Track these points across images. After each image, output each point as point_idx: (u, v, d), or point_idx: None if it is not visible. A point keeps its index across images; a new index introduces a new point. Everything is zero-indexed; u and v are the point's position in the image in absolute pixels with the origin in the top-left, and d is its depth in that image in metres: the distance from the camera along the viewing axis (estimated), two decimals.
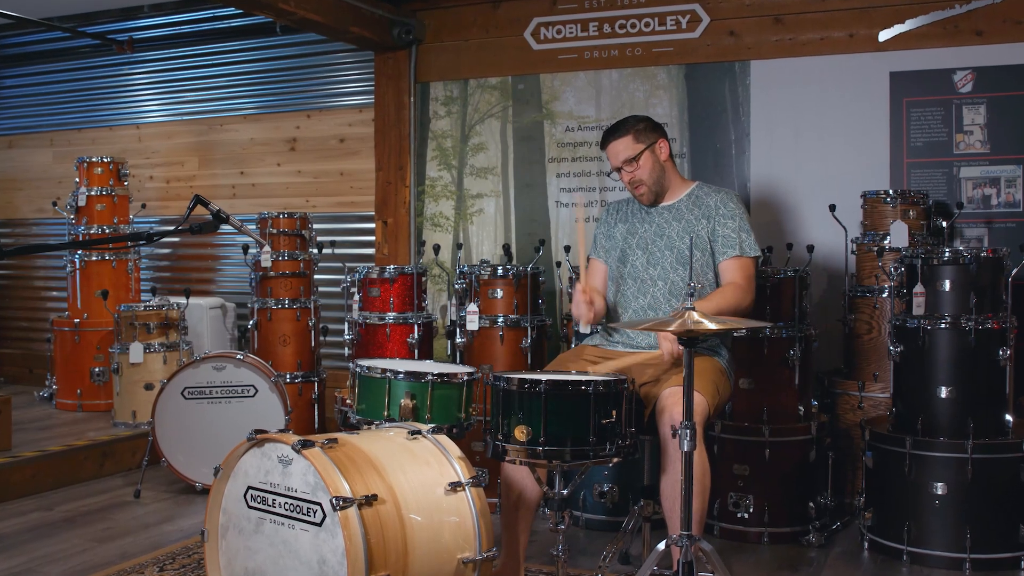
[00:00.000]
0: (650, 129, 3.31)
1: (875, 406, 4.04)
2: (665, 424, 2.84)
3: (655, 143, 3.29)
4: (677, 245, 3.25)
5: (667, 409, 2.86)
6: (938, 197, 4.43)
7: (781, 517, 3.79)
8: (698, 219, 3.28)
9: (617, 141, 3.30)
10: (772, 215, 4.74)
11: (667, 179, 3.34)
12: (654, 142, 3.29)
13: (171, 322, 5.27)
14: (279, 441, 2.40)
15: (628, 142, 3.27)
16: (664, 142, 3.32)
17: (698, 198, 3.33)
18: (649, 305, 3.27)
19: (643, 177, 3.28)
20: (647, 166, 3.28)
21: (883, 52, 4.54)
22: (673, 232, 3.29)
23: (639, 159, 3.26)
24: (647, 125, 3.32)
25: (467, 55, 5.43)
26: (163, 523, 4.02)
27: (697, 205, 3.31)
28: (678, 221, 3.30)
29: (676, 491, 2.81)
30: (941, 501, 3.43)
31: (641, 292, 3.30)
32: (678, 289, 3.24)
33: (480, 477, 2.51)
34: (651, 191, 3.31)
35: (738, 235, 3.24)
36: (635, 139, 3.27)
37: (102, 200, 5.83)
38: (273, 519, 2.40)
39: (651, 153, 3.28)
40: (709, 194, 3.33)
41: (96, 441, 4.86)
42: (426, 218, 5.53)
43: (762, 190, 4.77)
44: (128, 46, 6.28)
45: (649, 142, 3.28)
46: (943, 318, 3.50)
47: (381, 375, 2.89)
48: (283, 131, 6.09)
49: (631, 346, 3.27)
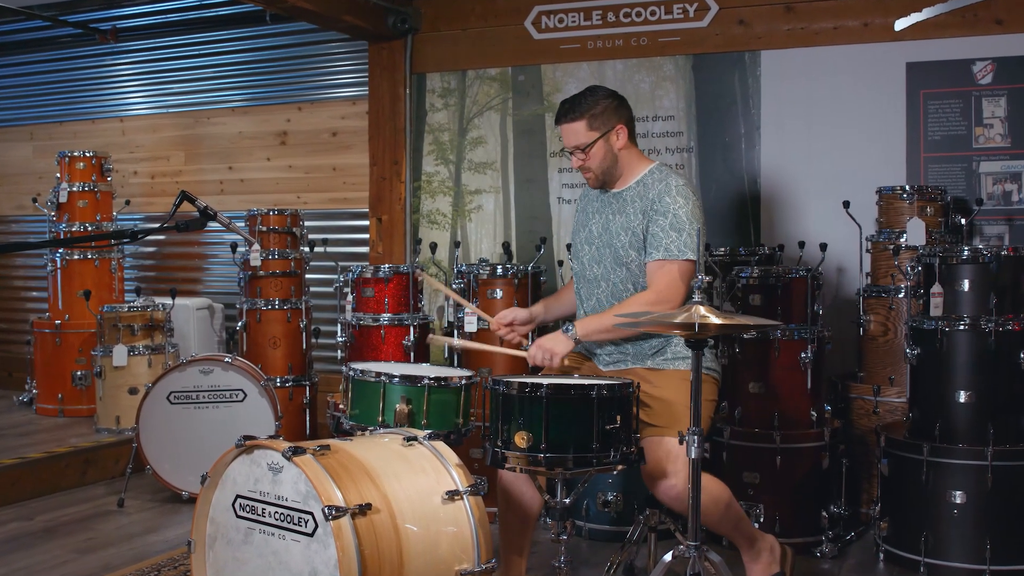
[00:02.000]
0: (610, 112, 3.09)
1: (891, 411, 4.04)
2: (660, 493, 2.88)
3: (611, 130, 3.09)
4: (614, 242, 3.10)
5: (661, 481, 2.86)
6: (956, 193, 4.43)
7: (793, 527, 3.79)
8: (636, 213, 3.07)
9: (570, 124, 3.11)
10: (783, 212, 4.74)
11: (620, 166, 3.13)
12: (610, 129, 3.09)
13: (156, 324, 5.27)
14: (269, 448, 2.40)
15: (581, 128, 3.09)
16: (623, 128, 3.11)
17: (644, 187, 3.09)
18: (594, 309, 3.15)
19: (591, 166, 3.12)
20: (598, 156, 3.10)
21: (899, 42, 4.54)
22: (615, 227, 3.12)
23: (590, 149, 3.09)
24: (606, 107, 3.09)
25: (465, 45, 5.43)
26: (148, 533, 4.02)
27: (640, 196, 3.08)
28: (621, 214, 3.11)
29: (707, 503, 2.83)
30: (960, 510, 3.43)
31: (588, 294, 3.19)
32: (619, 291, 3.10)
33: (479, 485, 2.51)
34: (598, 179, 3.15)
35: (666, 234, 2.98)
36: (589, 125, 3.08)
37: (84, 196, 5.83)
38: (263, 529, 2.40)
39: (604, 142, 3.09)
40: (653, 184, 3.07)
41: (78, 448, 4.86)
42: (422, 215, 5.53)
43: (773, 186, 4.77)
44: (111, 35, 6.29)
45: (604, 130, 3.08)
46: (962, 319, 3.50)
47: (375, 379, 2.89)
48: (273, 124, 6.09)
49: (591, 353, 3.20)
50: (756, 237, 4.78)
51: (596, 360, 3.18)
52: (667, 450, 2.85)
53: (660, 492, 2.88)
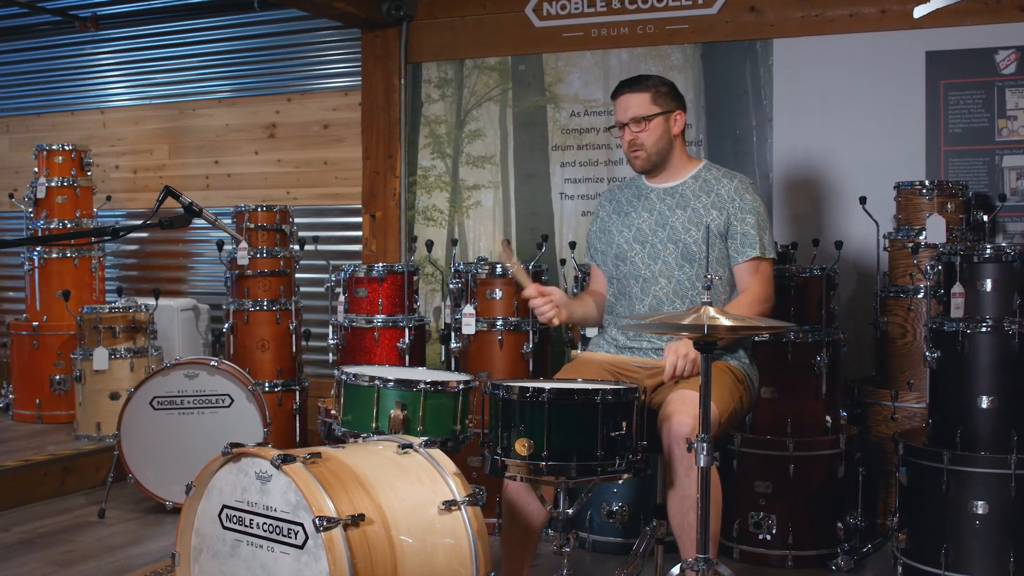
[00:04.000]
0: (671, 96, 3.25)
1: (909, 417, 4.04)
2: (667, 434, 2.81)
3: (672, 112, 3.23)
4: (682, 238, 3.16)
5: (671, 416, 2.82)
6: (979, 188, 4.43)
7: (807, 539, 3.79)
8: (707, 208, 3.17)
9: (632, 95, 3.22)
10: (797, 208, 4.74)
11: (672, 155, 3.26)
12: (672, 111, 3.23)
13: (139, 325, 5.27)
14: (257, 456, 2.40)
15: (644, 99, 3.20)
16: (682, 115, 3.26)
17: (706, 182, 3.23)
18: (651, 308, 3.20)
19: (646, 142, 3.20)
20: (655, 133, 3.20)
21: (918, 30, 4.54)
22: (677, 222, 3.19)
23: (650, 122, 3.20)
24: (670, 91, 3.26)
25: (463, 33, 5.43)
26: (130, 545, 4.02)
27: (705, 191, 3.21)
28: (683, 209, 3.20)
29: (683, 508, 2.81)
30: (982, 521, 3.43)
31: (644, 293, 3.22)
32: (684, 290, 3.16)
33: (477, 495, 2.51)
34: (649, 160, 3.23)
35: (758, 233, 3.16)
36: (653, 99, 3.21)
37: (63, 192, 5.83)
38: (250, 541, 2.40)
39: (664, 120, 3.21)
40: (720, 179, 3.23)
41: (57, 456, 4.86)
42: (418, 211, 5.53)
43: (785, 181, 4.77)
44: (92, 23, 6.28)
45: (666, 108, 3.22)
46: (984, 321, 3.49)
47: (369, 383, 2.89)
48: (261, 116, 6.09)
49: (644, 354, 3.23)
50: None
51: (633, 353, 3.21)
52: (692, 398, 2.79)
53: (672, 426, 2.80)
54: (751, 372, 3.19)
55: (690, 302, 3.15)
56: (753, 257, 3.15)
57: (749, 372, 3.18)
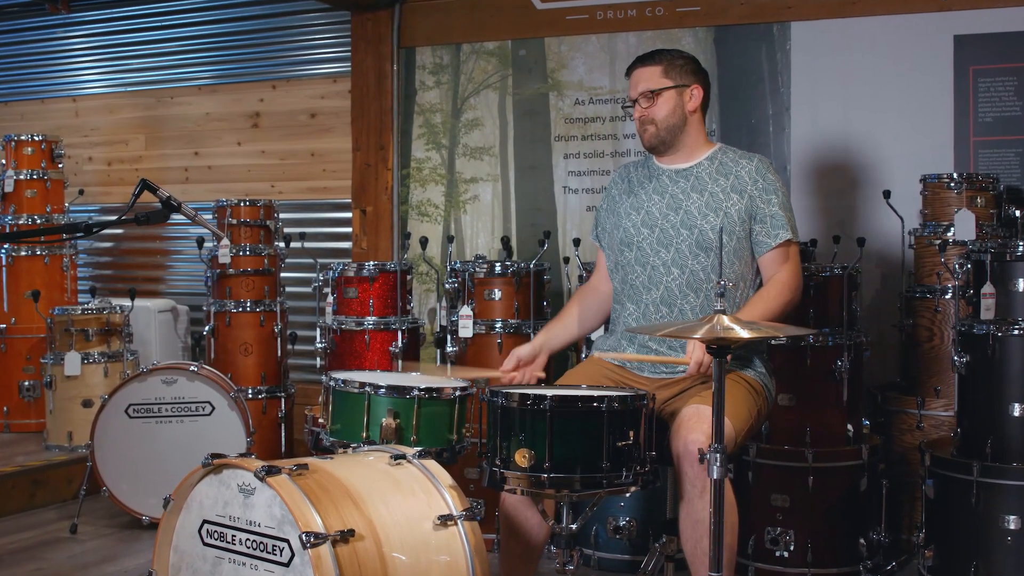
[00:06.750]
0: (688, 70, 3.21)
1: (937, 426, 4.04)
2: (678, 444, 2.82)
3: (687, 87, 3.19)
4: (698, 224, 3.12)
5: (682, 426, 2.82)
6: (1010, 182, 4.44)
7: (827, 556, 3.80)
8: (726, 192, 3.14)
9: (643, 68, 3.22)
10: (816, 202, 4.74)
11: (686, 133, 3.22)
12: (686, 85, 3.19)
13: (113, 328, 5.27)
14: (240, 467, 2.40)
15: (655, 72, 3.19)
16: (699, 90, 3.21)
17: (723, 164, 3.19)
18: (662, 300, 3.15)
19: (656, 117, 3.18)
20: (666, 107, 3.18)
21: (946, 12, 4.54)
22: (693, 206, 3.15)
23: (659, 95, 3.18)
24: (686, 64, 3.22)
25: (460, 15, 5.43)
26: (104, 563, 4.03)
27: (723, 173, 3.17)
28: (698, 193, 3.17)
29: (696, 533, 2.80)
30: (1014, 537, 3.43)
31: (652, 282, 3.18)
32: (698, 281, 3.12)
33: (475, 509, 2.51)
34: (658, 135, 3.20)
35: (784, 213, 3.13)
36: (664, 72, 3.18)
37: (32, 185, 5.83)
38: (232, 558, 2.40)
39: (676, 95, 3.18)
40: (738, 161, 3.19)
41: (26, 467, 4.86)
42: (411, 206, 5.54)
43: (804, 173, 4.77)
44: (63, 5, 6.28)
45: (679, 83, 3.18)
46: (1016, 323, 3.50)
47: (359, 390, 2.89)
48: (244, 104, 6.10)
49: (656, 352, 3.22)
50: None
51: (646, 351, 3.19)
52: (707, 414, 2.77)
53: (686, 444, 2.80)
54: (768, 382, 3.17)
55: (704, 296, 3.12)
56: (784, 241, 3.12)
57: (766, 382, 3.16)
